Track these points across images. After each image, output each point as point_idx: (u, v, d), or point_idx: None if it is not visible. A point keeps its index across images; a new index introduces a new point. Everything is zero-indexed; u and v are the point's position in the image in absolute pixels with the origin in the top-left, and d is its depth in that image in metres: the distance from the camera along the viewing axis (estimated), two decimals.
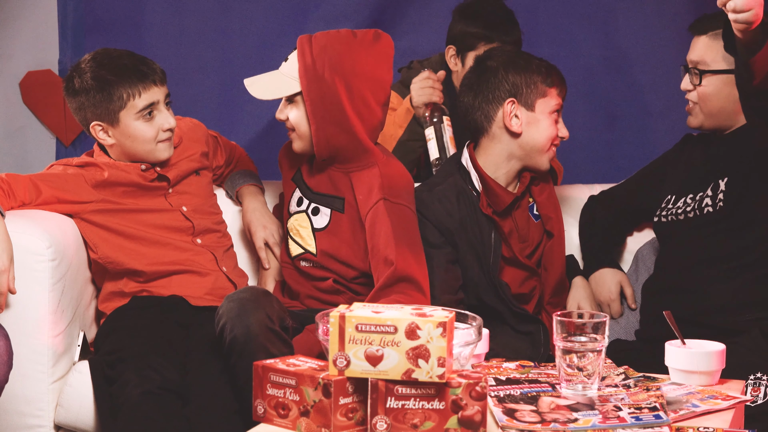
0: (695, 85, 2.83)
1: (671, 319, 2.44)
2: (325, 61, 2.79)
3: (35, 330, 2.76)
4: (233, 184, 3.21)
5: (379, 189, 2.80)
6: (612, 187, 3.20)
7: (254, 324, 2.56)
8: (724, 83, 2.80)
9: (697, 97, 2.84)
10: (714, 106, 2.82)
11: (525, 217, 2.96)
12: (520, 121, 2.86)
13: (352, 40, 2.83)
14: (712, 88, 2.82)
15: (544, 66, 2.89)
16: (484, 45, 3.40)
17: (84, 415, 2.79)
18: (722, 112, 2.83)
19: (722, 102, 2.82)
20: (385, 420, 2.05)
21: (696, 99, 2.85)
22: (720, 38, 2.71)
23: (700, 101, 2.84)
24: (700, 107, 2.85)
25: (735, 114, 2.83)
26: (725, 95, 2.81)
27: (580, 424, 2.11)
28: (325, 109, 2.80)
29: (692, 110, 2.87)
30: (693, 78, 2.83)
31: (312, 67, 2.79)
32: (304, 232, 2.91)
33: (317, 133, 2.82)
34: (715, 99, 2.82)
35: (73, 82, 2.93)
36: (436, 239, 2.85)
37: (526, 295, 2.96)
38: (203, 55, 4.02)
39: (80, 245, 2.93)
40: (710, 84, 2.81)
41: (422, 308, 2.10)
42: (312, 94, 2.80)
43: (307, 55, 2.80)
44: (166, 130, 2.94)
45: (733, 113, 2.83)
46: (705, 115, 2.85)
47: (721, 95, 2.81)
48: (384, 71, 2.85)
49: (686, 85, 2.87)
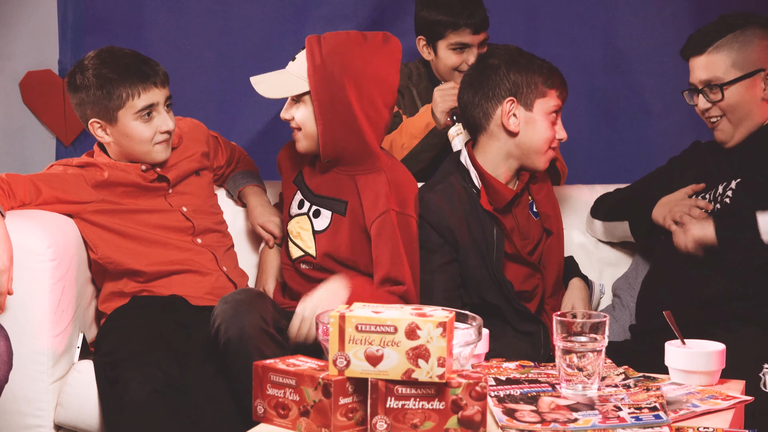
0: (716, 101, 2.83)
1: (671, 319, 2.44)
2: (335, 61, 2.79)
3: (35, 330, 2.76)
4: (235, 184, 3.21)
5: (387, 198, 2.81)
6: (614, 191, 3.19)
7: (248, 326, 2.57)
8: (744, 88, 2.82)
9: (722, 110, 2.84)
10: (742, 111, 2.83)
11: (525, 214, 2.96)
12: (518, 121, 2.86)
13: (363, 42, 2.83)
14: (735, 96, 2.82)
15: (546, 67, 2.89)
16: (451, 32, 3.42)
17: (84, 414, 2.79)
18: (749, 115, 2.84)
19: (749, 105, 2.83)
20: (385, 420, 2.05)
21: (720, 113, 2.84)
22: (720, 50, 2.76)
23: (728, 113, 2.83)
24: (728, 119, 2.84)
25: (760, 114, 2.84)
26: (749, 98, 2.82)
27: (580, 424, 2.11)
28: (334, 109, 2.80)
29: (719, 125, 2.86)
30: (712, 96, 2.83)
31: (321, 68, 2.79)
32: (305, 235, 2.91)
33: (324, 133, 2.82)
34: (741, 105, 2.82)
35: (75, 77, 2.94)
36: (434, 243, 2.86)
37: (529, 292, 2.96)
38: (203, 55, 4.02)
39: (80, 245, 2.93)
40: (732, 94, 2.82)
41: (422, 308, 2.10)
42: (321, 95, 2.80)
43: (317, 56, 2.80)
44: (163, 132, 2.95)
45: (759, 113, 2.84)
46: (734, 125, 2.85)
47: (746, 99, 2.82)
48: (392, 74, 2.86)
49: (704, 104, 2.85)
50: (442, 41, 3.44)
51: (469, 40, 3.42)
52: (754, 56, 2.80)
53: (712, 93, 2.83)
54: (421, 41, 3.50)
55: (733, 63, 2.80)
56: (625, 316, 3.07)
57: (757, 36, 2.81)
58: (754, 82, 2.81)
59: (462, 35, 3.42)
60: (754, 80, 2.81)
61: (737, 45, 2.80)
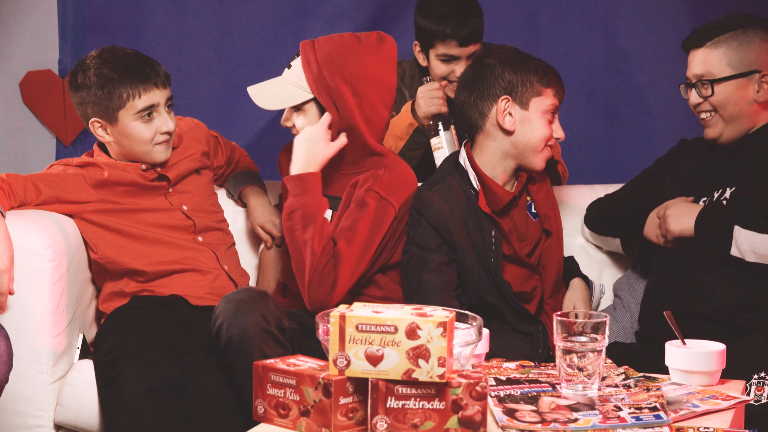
0: (706, 97, 2.83)
1: (671, 319, 2.44)
2: (332, 68, 2.78)
3: (35, 330, 2.76)
4: (236, 184, 3.21)
5: (375, 180, 2.82)
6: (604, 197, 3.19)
7: (250, 325, 2.57)
8: (735, 87, 2.80)
9: (713, 106, 2.83)
10: (733, 109, 2.82)
11: (523, 215, 2.96)
12: (514, 119, 2.86)
13: (357, 45, 2.82)
14: (725, 94, 2.81)
15: (542, 66, 2.88)
16: (439, 43, 3.34)
17: (84, 414, 2.79)
18: (740, 115, 2.83)
19: (740, 104, 2.82)
20: (385, 420, 2.05)
21: (710, 108, 2.84)
22: (718, 46, 2.75)
23: (719, 109, 2.83)
24: (719, 115, 2.84)
25: (752, 116, 2.83)
26: (739, 98, 2.81)
27: (580, 424, 2.11)
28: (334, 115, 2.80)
29: (710, 121, 2.86)
30: (702, 90, 2.83)
31: (319, 76, 2.79)
32: None
33: None
34: (732, 103, 2.82)
35: (76, 77, 2.94)
36: (431, 242, 2.85)
37: (528, 294, 2.95)
38: (203, 55, 4.02)
39: (80, 245, 2.93)
40: (723, 91, 2.81)
41: (422, 308, 2.10)
42: (321, 103, 2.80)
43: (313, 64, 2.79)
44: (163, 133, 2.95)
45: (751, 115, 2.83)
46: (725, 121, 2.84)
47: (736, 99, 2.81)
48: (389, 74, 2.85)
49: (696, 99, 2.85)
50: (432, 50, 3.39)
51: (456, 52, 3.35)
52: (752, 57, 2.80)
53: (704, 88, 2.83)
54: (416, 46, 3.47)
55: (728, 61, 2.79)
56: (626, 316, 3.07)
57: (759, 38, 2.80)
58: (746, 83, 2.80)
59: (449, 47, 3.34)
60: (747, 81, 2.80)
61: (735, 44, 2.79)
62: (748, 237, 2.72)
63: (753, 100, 2.81)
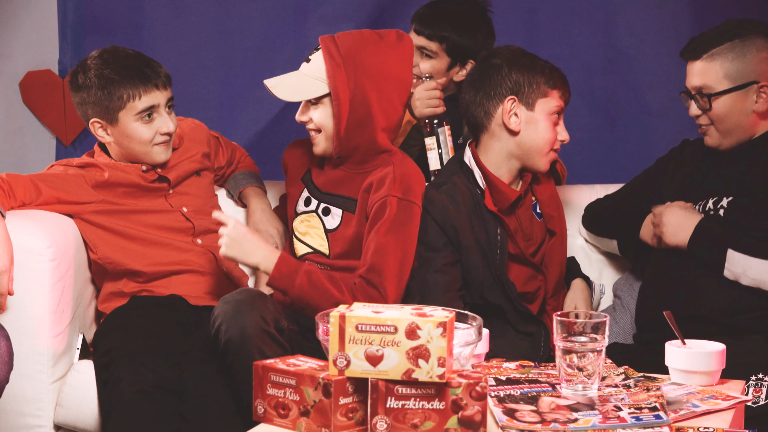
0: (705, 110, 2.82)
1: (671, 319, 2.44)
2: (356, 62, 2.79)
3: (35, 330, 2.76)
4: (236, 184, 3.21)
5: (390, 184, 2.80)
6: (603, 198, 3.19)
7: (249, 326, 2.57)
8: (733, 100, 2.79)
9: (710, 119, 2.83)
10: (730, 122, 2.82)
11: (528, 215, 2.96)
12: (519, 120, 2.86)
13: (379, 41, 2.83)
14: (722, 108, 2.81)
15: (548, 67, 2.89)
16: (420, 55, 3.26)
17: (84, 414, 2.79)
18: (738, 127, 2.82)
19: (737, 117, 2.81)
20: (385, 420, 2.05)
21: (708, 121, 2.84)
22: (715, 58, 2.75)
23: (716, 122, 2.83)
24: (715, 127, 2.84)
25: (750, 126, 2.83)
26: (738, 111, 2.80)
27: (580, 424, 2.11)
28: (353, 110, 2.80)
29: (707, 131, 2.86)
30: (701, 103, 2.82)
31: (341, 69, 2.79)
32: (316, 233, 2.90)
33: (342, 132, 2.81)
34: (729, 117, 2.81)
35: (77, 77, 2.94)
36: (437, 241, 2.85)
37: (531, 294, 2.95)
38: (203, 55, 4.02)
39: (80, 245, 2.93)
40: (720, 105, 2.80)
41: (422, 308, 2.10)
42: (341, 96, 2.79)
43: (336, 56, 2.80)
44: (163, 134, 2.95)
45: (749, 126, 2.82)
46: (722, 134, 2.84)
47: (734, 111, 2.81)
48: (407, 71, 2.87)
49: (695, 111, 2.85)
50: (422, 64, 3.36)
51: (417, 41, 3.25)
52: (749, 68, 2.78)
53: (702, 101, 2.82)
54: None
55: (726, 74, 2.78)
56: (626, 317, 3.07)
57: (756, 47, 2.78)
58: (745, 95, 2.79)
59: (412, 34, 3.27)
60: (745, 92, 2.79)
61: (732, 55, 2.77)
62: (742, 261, 2.72)
63: (751, 111, 2.80)
